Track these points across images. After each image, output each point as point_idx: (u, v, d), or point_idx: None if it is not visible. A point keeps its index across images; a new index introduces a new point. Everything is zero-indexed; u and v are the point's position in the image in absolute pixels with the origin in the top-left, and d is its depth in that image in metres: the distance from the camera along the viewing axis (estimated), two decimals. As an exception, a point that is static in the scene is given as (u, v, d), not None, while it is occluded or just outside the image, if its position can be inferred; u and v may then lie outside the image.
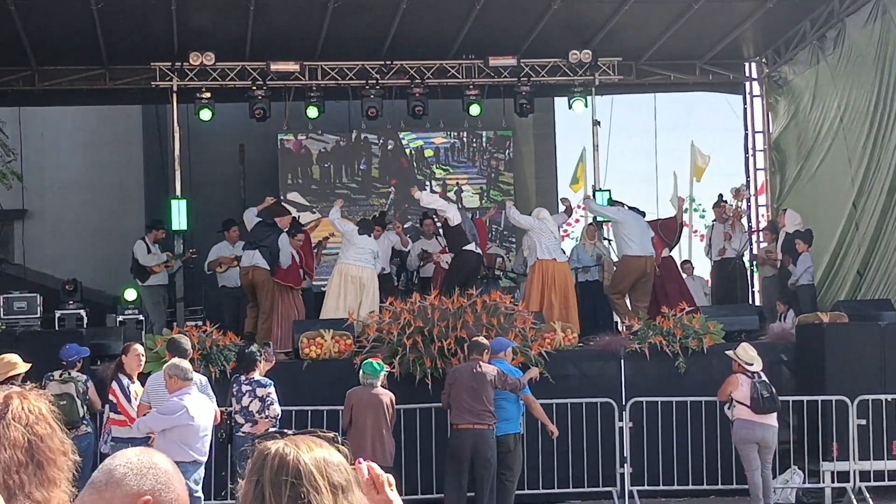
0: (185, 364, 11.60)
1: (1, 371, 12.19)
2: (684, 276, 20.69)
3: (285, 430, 2.74)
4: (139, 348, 13.14)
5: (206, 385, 12.43)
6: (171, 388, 11.41)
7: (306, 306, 18.28)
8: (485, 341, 14.18)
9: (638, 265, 18.23)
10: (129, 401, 12.56)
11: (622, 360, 15.95)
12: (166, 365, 11.70)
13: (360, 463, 2.68)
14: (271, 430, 11.76)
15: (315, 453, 2.60)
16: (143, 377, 13.13)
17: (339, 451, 2.65)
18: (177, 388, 11.34)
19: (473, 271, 18.09)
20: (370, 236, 17.74)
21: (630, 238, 18.27)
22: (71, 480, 2.50)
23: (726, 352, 14.41)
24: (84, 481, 2.47)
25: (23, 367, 12.44)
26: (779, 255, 19.62)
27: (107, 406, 12.99)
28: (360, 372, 13.74)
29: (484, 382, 13.63)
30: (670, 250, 19.82)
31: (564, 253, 18.82)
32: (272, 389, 12.85)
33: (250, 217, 18.07)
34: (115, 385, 12.73)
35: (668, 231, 19.70)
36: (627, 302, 18.59)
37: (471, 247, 17.86)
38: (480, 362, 13.81)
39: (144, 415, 11.70)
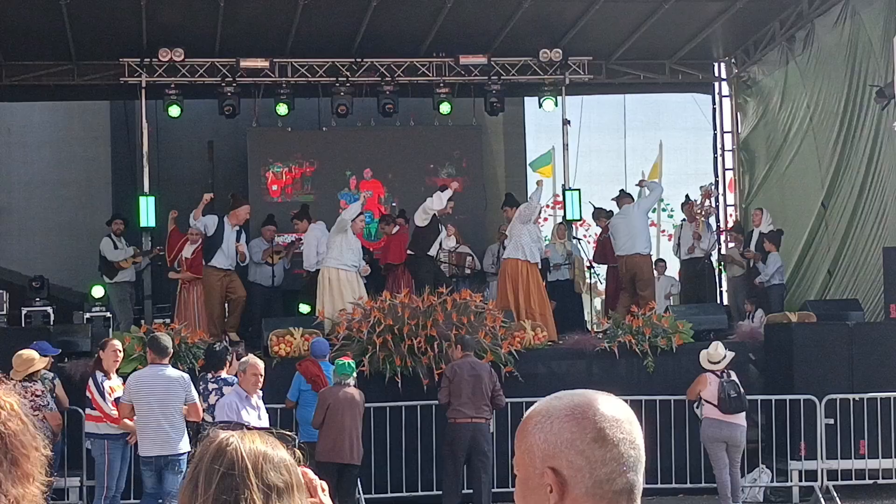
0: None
1: (21, 368, 12.16)
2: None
3: (245, 424, 2.65)
4: (116, 344, 13.04)
5: (189, 383, 12.28)
6: None
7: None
8: (471, 338, 14.64)
9: None
10: (103, 397, 12.46)
11: (591, 359, 15.96)
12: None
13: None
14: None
15: (256, 447, 2.49)
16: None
17: (293, 454, 2.55)
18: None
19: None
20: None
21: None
22: (43, 475, 2.46)
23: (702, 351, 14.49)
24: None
25: (41, 362, 12.43)
26: (753, 253, 19.70)
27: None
28: (333, 372, 13.68)
29: (482, 376, 13.90)
30: None
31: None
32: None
33: (206, 222, 17.86)
34: (90, 381, 12.67)
35: None
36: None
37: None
38: (472, 357, 14.22)
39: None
